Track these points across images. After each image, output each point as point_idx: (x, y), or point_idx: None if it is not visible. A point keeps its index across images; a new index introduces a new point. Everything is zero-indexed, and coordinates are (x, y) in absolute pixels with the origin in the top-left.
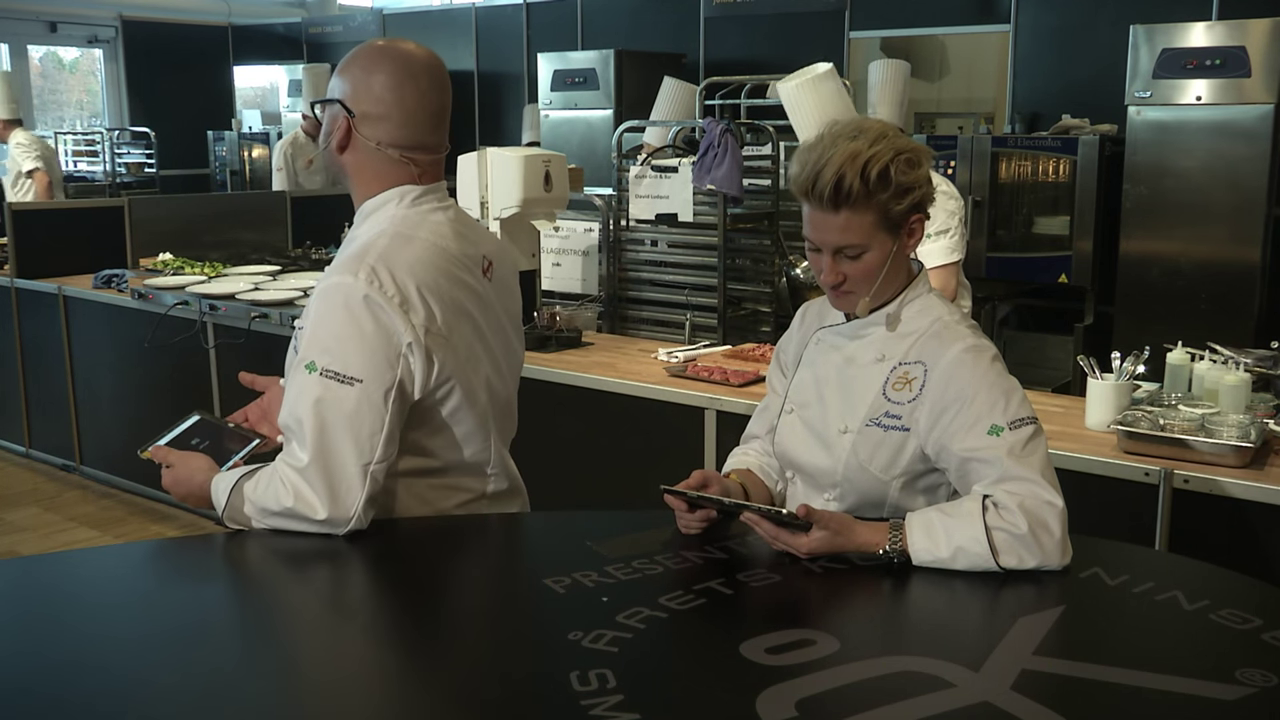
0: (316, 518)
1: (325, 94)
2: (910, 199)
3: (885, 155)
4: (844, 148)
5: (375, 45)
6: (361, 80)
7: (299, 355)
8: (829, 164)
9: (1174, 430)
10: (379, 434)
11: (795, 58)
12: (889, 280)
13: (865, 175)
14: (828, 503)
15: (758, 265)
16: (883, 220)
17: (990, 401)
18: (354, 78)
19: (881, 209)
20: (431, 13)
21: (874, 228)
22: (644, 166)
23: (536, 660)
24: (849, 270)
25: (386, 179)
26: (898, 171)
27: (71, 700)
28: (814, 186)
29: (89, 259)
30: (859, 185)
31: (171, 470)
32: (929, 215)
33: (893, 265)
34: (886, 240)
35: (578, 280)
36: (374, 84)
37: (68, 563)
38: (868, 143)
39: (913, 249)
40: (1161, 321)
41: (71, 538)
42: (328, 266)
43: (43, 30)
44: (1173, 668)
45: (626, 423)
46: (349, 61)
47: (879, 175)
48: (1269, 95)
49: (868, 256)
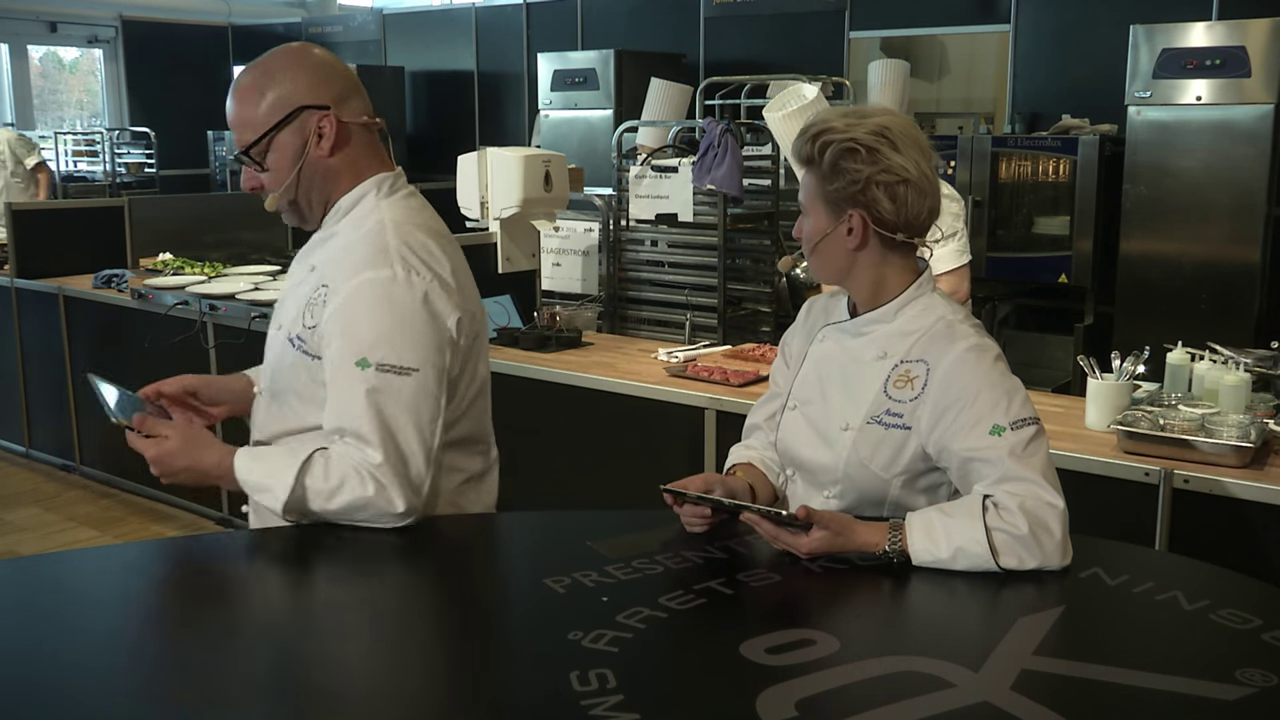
0: (395, 511)
1: (259, 130)
2: (841, 185)
3: (840, 134)
4: (827, 116)
5: (277, 53)
6: (306, 74)
7: (336, 356)
8: (813, 126)
9: (1174, 430)
10: (438, 419)
11: (795, 58)
12: (863, 274)
13: (814, 140)
14: (827, 500)
15: (758, 265)
16: (820, 193)
17: (992, 401)
18: (297, 77)
19: (819, 179)
20: (431, 13)
21: (814, 196)
22: (644, 166)
23: (536, 660)
24: (801, 229)
25: (366, 169)
26: (837, 153)
27: (71, 700)
28: (799, 143)
29: (89, 259)
30: (808, 147)
31: (163, 442)
32: (886, 232)
33: (851, 257)
34: (823, 215)
35: (578, 280)
36: (318, 69)
37: (68, 563)
38: (847, 122)
39: (853, 247)
40: (1161, 321)
41: (71, 538)
42: (324, 267)
43: (43, 30)
44: (1173, 668)
45: (626, 423)
46: (276, 74)
47: (820, 147)
48: (1269, 95)
49: (807, 221)
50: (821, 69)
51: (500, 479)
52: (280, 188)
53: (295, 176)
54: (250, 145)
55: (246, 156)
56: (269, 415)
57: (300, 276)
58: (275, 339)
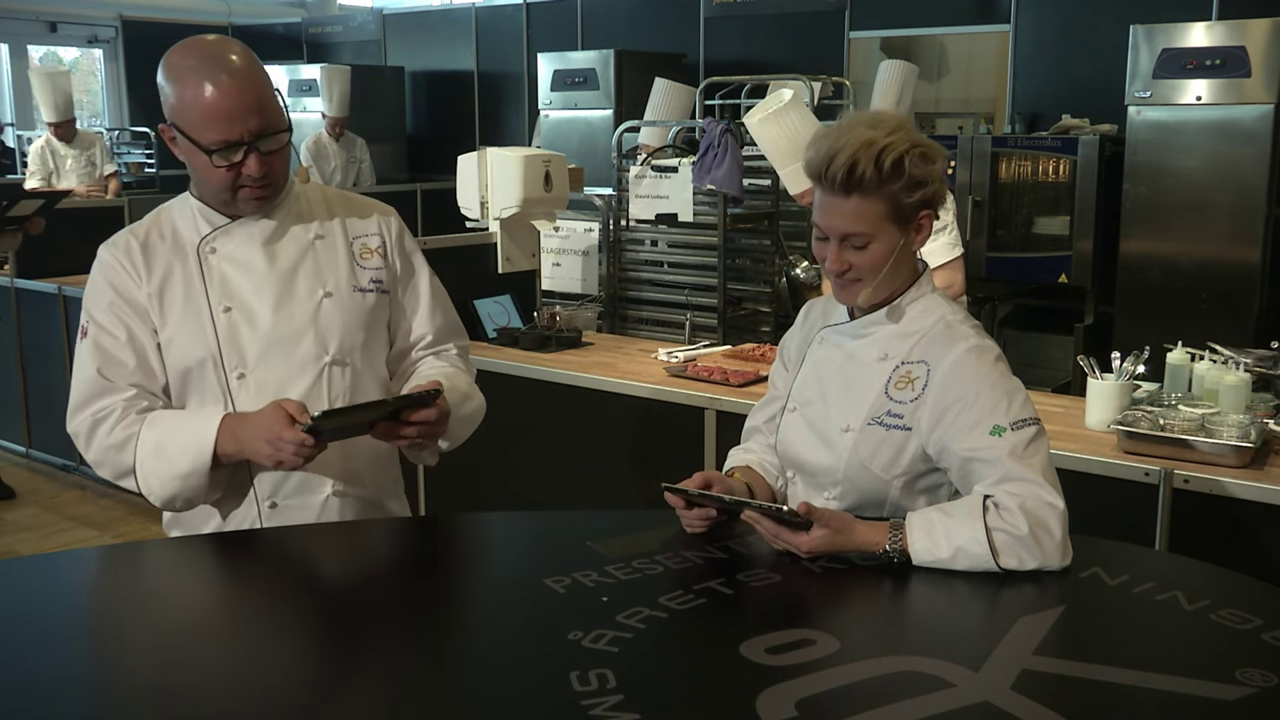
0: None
1: (273, 95)
2: (921, 193)
3: (901, 145)
4: (861, 134)
5: (235, 43)
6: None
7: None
8: (844, 148)
9: (1174, 430)
10: None
11: (795, 58)
12: (892, 276)
13: (879, 163)
14: (828, 501)
15: (758, 265)
16: (892, 211)
17: (992, 402)
18: (260, 63)
19: (892, 199)
20: (431, 13)
21: (882, 218)
22: (644, 166)
23: (536, 660)
24: (854, 259)
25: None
26: (911, 163)
27: (71, 700)
28: (827, 170)
29: (89, 259)
30: (872, 172)
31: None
32: (939, 215)
33: (897, 260)
34: (894, 233)
35: (578, 280)
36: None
37: (67, 563)
38: (885, 132)
39: (919, 246)
40: (1161, 321)
41: (71, 538)
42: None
43: (43, 30)
44: (1173, 668)
45: (626, 423)
46: (250, 55)
47: (893, 164)
48: (1269, 95)
49: (874, 247)
50: (821, 69)
51: (500, 479)
52: (285, 170)
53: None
54: (286, 125)
55: (263, 140)
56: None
57: (296, 250)
58: (330, 304)
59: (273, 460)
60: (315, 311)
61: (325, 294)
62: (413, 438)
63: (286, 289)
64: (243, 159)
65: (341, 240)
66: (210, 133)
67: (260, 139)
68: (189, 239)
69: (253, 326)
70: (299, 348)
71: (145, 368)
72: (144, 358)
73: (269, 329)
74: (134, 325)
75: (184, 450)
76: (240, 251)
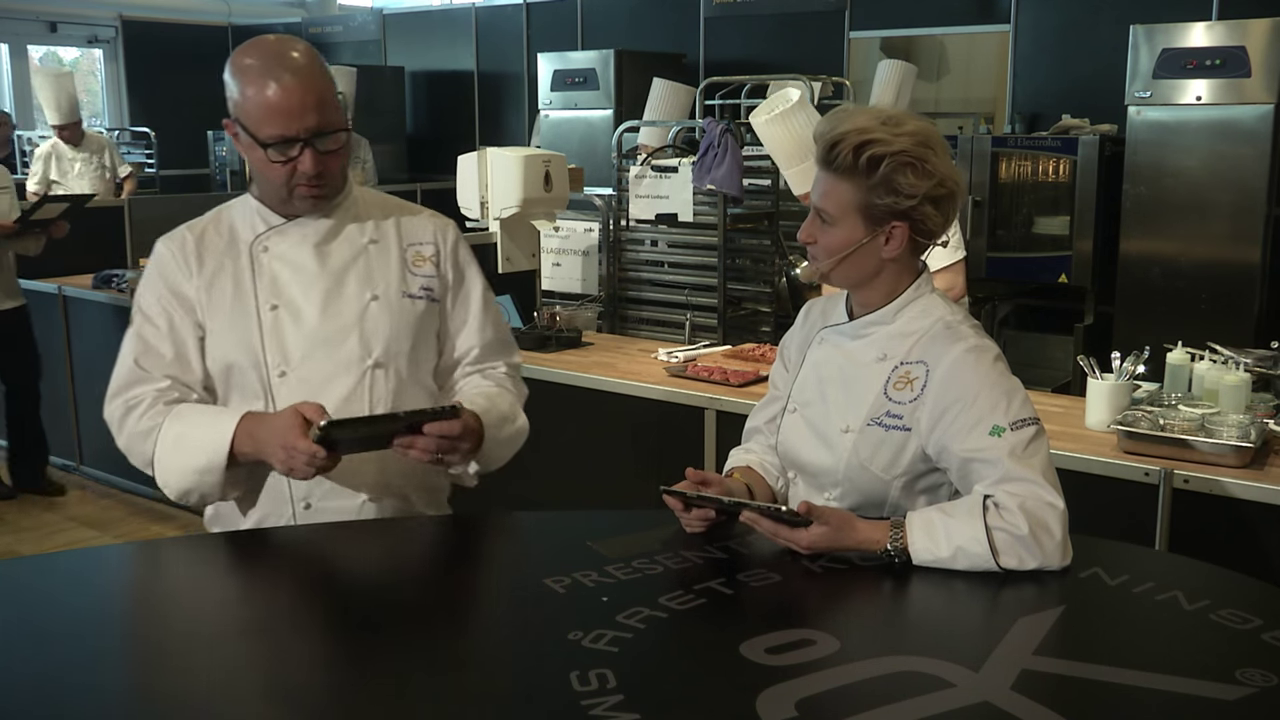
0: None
1: (334, 94)
2: (895, 200)
3: (889, 147)
4: (862, 122)
5: (296, 41)
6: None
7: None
8: (839, 126)
9: (1174, 430)
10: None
11: (795, 58)
12: (885, 279)
13: (858, 152)
14: (828, 502)
15: (758, 265)
16: (861, 204)
17: (992, 402)
18: (324, 62)
19: (862, 193)
20: (431, 13)
21: (849, 206)
22: (644, 166)
23: (536, 660)
24: (819, 235)
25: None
26: (892, 167)
27: (71, 700)
28: (819, 139)
29: (89, 259)
30: (848, 158)
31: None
32: (924, 240)
33: (859, 258)
34: (858, 226)
35: (578, 280)
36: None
37: (68, 563)
38: (888, 129)
39: (889, 255)
40: (1161, 321)
41: (71, 538)
42: (389, 232)
43: (43, 30)
44: (1173, 668)
45: (626, 423)
46: (314, 54)
47: (870, 160)
48: (1269, 95)
49: (835, 231)
50: (821, 69)
51: (500, 479)
52: (343, 170)
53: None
54: (344, 125)
55: (320, 138)
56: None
57: (348, 253)
58: (377, 307)
59: (285, 467)
60: (362, 313)
61: (373, 297)
62: (432, 451)
63: (335, 289)
64: (298, 155)
65: (395, 245)
66: (268, 128)
67: (317, 137)
68: (244, 237)
69: (297, 325)
70: (342, 348)
71: (183, 360)
72: (182, 350)
73: (313, 328)
74: (177, 318)
75: (201, 446)
76: (292, 251)
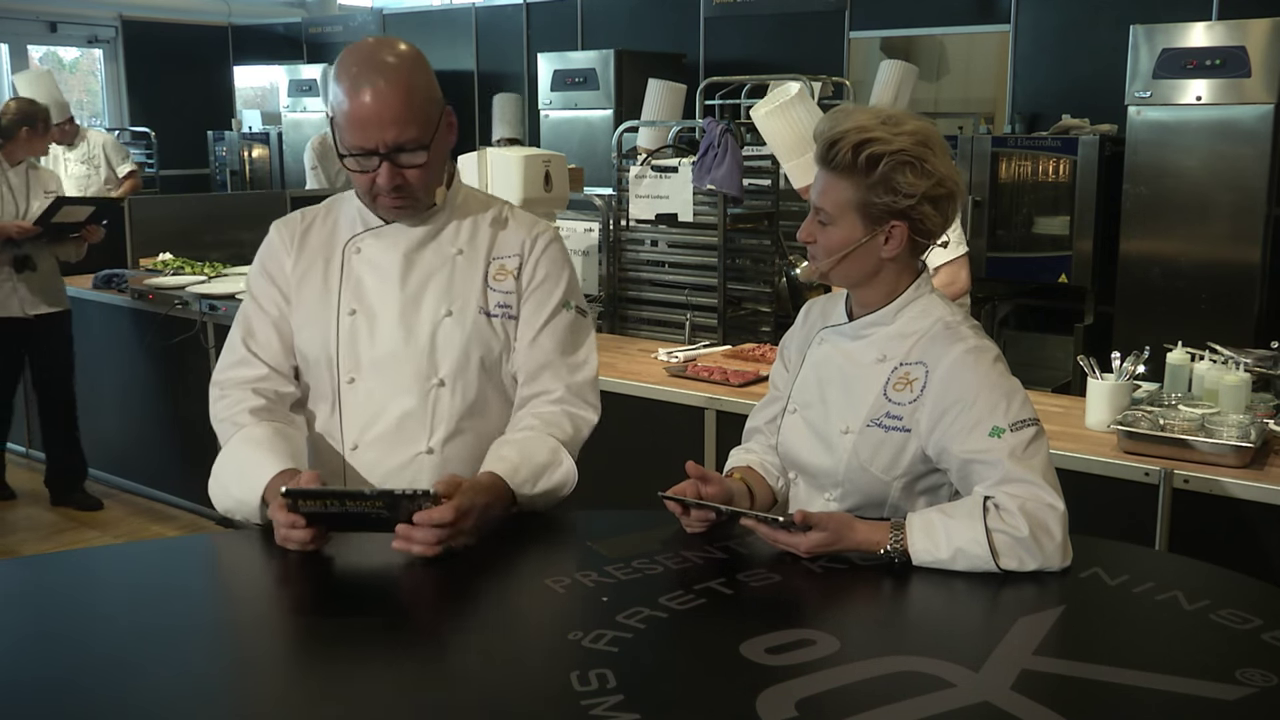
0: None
1: (427, 109)
2: (893, 200)
3: (889, 146)
4: (862, 120)
5: (396, 45)
6: (430, 72)
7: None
8: (839, 125)
9: (1174, 430)
10: None
11: (795, 58)
12: (885, 279)
13: (857, 150)
14: (828, 503)
15: (758, 265)
16: (859, 203)
17: (991, 403)
18: (431, 74)
19: (861, 191)
20: (431, 13)
21: (848, 205)
22: (644, 166)
23: (536, 660)
24: (818, 235)
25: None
26: (891, 166)
27: (71, 700)
28: (819, 137)
29: (89, 259)
30: (847, 156)
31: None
32: (923, 240)
33: (858, 258)
34: (857, 226)
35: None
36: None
37: (68, 563)
38: (888, 129)
39: (889, 255)
40: (1161, 321)
41: (72, 538)
42: (476, 246)
43: (43, 30)
44: (1173, 668)
45: (626, 423)
46: (419, 70)
47: (869, 158)
48: (1269, 95)
49: (833, 231)
50: (821, 69)
51: None
52: (428, 182)
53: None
54: (428, 141)
55: (401, 154)
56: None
57: (434, 264)
58: (451, 323)
59: (277, 536)
60: (434, 329)
61: (447, 312)
62: (433, 543)
63: (413, 303)
64: (376, 168)
65: (483, 259)
66: (349, 137)
67: (396, 153)
68: (344, 234)
69: (372, 334)
70: (410, 364)
71: (285, 344)
72: (285, 334)
73: (386, 339)
74: (280, 301)
75: (242, 482)
76: (382, 256)
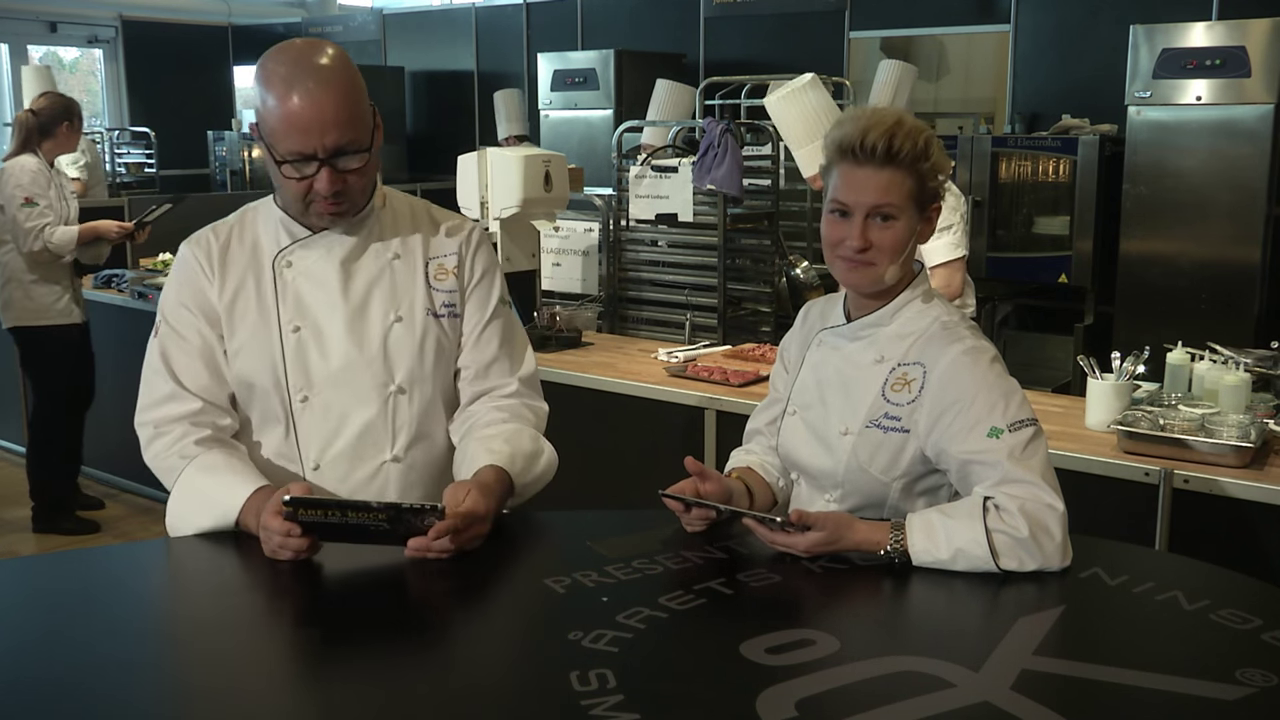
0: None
1: (363, 110)
2: (940, 181)
3: (926, 131)
4: (892, 114)
5: (327, 46)
6: (358, 73)
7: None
8: (880, 123)
9: (1174, 430)
10: None
11: (795, 58)
12: (900, 270)
13: (914, 138)
14: (829, 504)
15: (758, 265)
16: (918, 191)
17: (990, 403)
18: (356, 68)
19: (920, 178)
20: (431, 13)
21: (909, 196)
22: (644, 166)
23: (536, 660)
24: (876, 238)
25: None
26: (936, 149)
27: (71, 700)
28: (863, 141)
29: None
30: (909, 146)
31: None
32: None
33: (909, 253)
34: (914, 217)
35: (578, 280)
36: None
37: (68, 563)
38: (906, 116)
39: (924, 240)
40: (1161, 321)
41: (72, 538)
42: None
43: (43, 30)
44: (1173, 668)
45: (626, 423)
46: (354, 72)
47: (925, 143)
48: (1269, 95)
49: (898, 225)
50: (821, 69)
51: None
52: (365, 186)
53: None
54: (368, 144)
55: (340, 157)
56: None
57: (374, 270)
58: (401, 329)
59: (266, 549)
60: (385, 336)
61: (396, 318)
62: (451, 550)
63: (359, 312)
64: (314, 173)
65: (420, 260)
66: (285, 143)
67: (337, 156)
68: (268, 249)
69: (321, 349)
70: (366, 374)
71: (215, 377)
72: (214, 367)
73: (337, 353)
74: (204, 329)
75: (210, 510)
76: (316, 268)
